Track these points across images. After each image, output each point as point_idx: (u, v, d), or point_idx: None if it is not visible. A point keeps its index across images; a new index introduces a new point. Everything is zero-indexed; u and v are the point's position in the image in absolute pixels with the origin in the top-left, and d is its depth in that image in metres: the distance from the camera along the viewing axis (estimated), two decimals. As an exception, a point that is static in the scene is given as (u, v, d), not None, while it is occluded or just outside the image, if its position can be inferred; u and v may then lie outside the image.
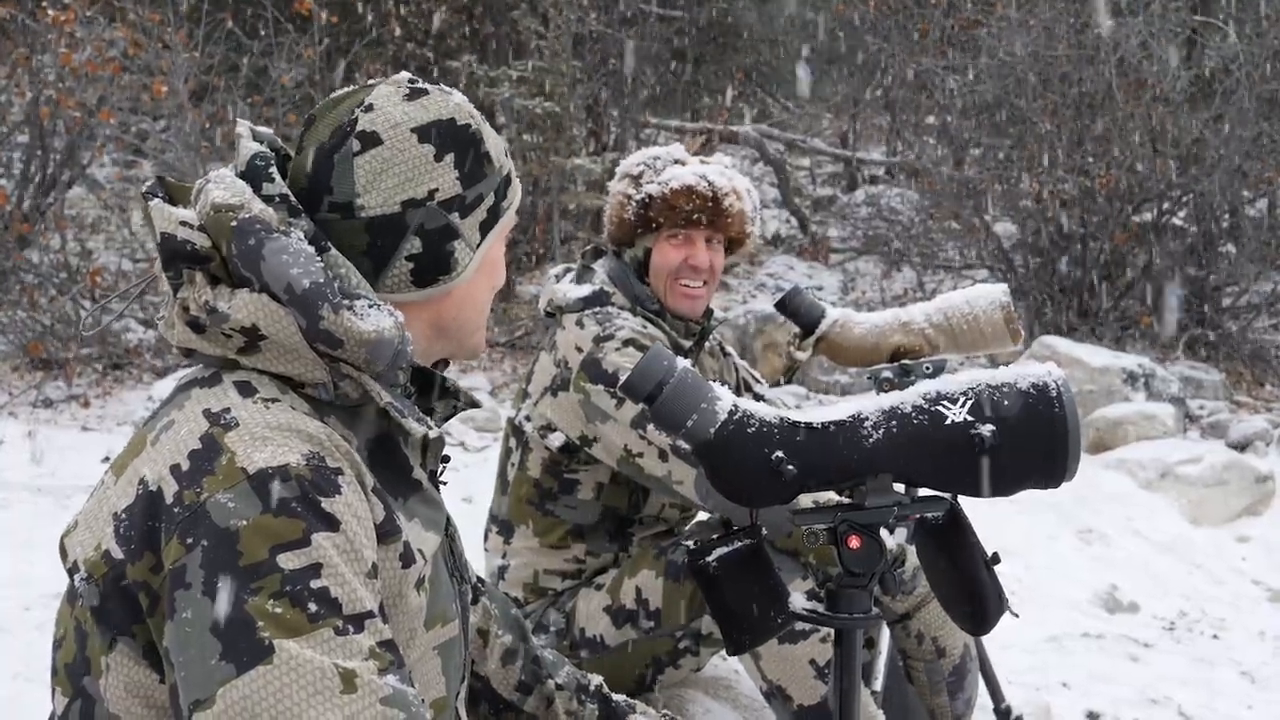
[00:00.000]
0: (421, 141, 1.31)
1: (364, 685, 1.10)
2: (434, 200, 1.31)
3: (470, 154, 1.33)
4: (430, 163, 1.31)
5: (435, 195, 1.31)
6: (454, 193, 1.32)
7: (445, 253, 1.32)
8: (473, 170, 1.33)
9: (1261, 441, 6.95)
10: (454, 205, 1.32)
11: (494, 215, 1.37)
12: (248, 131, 1.36)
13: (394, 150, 1.30)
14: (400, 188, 1.30)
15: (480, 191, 1.34)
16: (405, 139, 1.30)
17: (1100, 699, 3.51)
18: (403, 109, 1.32)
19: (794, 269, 10.41)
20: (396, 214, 1.30)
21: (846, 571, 1.42)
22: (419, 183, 1.30)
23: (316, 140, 1.31)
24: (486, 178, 1.35)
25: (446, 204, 1.32)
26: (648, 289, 2.51)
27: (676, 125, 10.81)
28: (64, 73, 7.02)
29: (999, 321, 2.51)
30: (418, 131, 1.31)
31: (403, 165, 1.30)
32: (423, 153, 1.30)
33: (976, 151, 9.89)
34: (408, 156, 1.30)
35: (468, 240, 1.34)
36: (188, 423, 1.21)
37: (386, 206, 1.29)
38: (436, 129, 1.32)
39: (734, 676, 2.74)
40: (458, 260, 1.34)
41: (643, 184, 2.48)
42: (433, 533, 1.33)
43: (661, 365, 1.37)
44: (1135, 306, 8.96)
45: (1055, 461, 1.35)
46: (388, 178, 1.29)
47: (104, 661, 1.20)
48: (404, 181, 1.30)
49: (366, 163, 1.29)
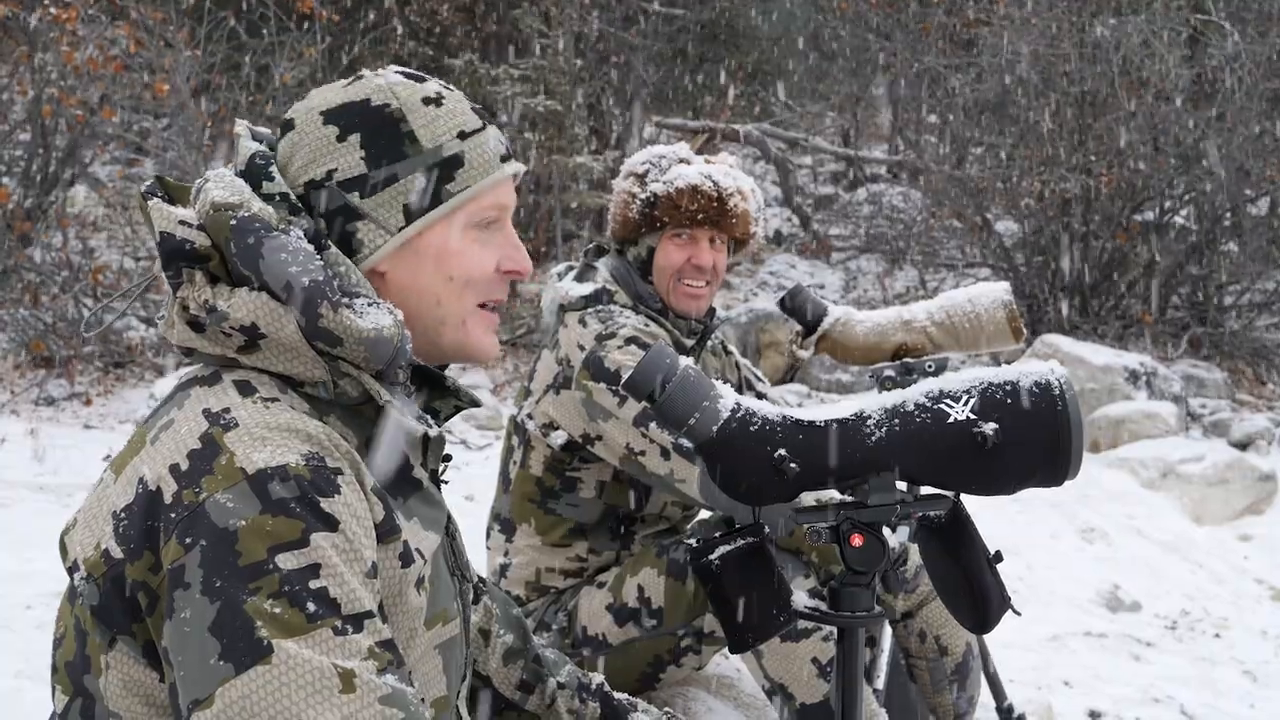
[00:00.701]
0: (326, 123, 1.31)
1: (363, 685, 1.10)
2: (332, 180, 1.30)
3: (382, 134, 1.30)
4: (331, 143, 1.30)
5: (334, 175, 1.30)
6: (355, 172, 1.30)
7: (347, 233, 1.30)
8: (383, 150, 1.30)
9: (1263, 440, 6.95)
10: (354, 185, 1.30)
11: (434, 198, 1.31)
12: (247, 131, 1.36)
13: (301, 133, 1.31)
14: (304, 169, 1.30)
15: (394, 171, 1.30)
16: (313, 121, 1.31)
17: (1102, 698, 3.51)
18: (325, 95, 1.33)
19: (796, 267, 10.41)
20: (301, 195, 1.30)
21: (849, 570, 1.41)
22: (319, 163, 1.30)
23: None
24: (407, 158, 1.30)
25: (346, 184, 1.30)
26: (650, 287, 2.51)
27: (678, 124, 10.80)
28: (66, 71, 7.02)
29: (1001, 320, 2.50)
30: (325, 114, 1.31)
31: (307, 147, 1.31)
32: (325, 134, 1.30)
33: (978, 150, 9.89)
34: (311, 138, 1.31)
35: (378, 221, 1.30)
36: (187, 422, 1.21)
37: (295, 188, 1.30)
38: (345, 110, 1.31)
39: (736, 675, 2.74)
40: (361, 241, 1.30)
41: (648, 183, 2.47)
42: (433, 532, 1.33)
43: (664, 363, 1.37)
44: (1137, 305, 8.96)
45: (1058, 460, 1.35)
46: (295, 160, 1.31)
47: (104, 660, 1.20)
48: (307, 163, 1.30)
49: (283, 147, 1.32)
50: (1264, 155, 8.76)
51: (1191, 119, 8.65)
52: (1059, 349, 7.11)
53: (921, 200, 10.66)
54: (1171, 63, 8.59)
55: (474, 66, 8.93)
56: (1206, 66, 9.18)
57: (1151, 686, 3.62)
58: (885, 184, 11.87)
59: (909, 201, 11.04)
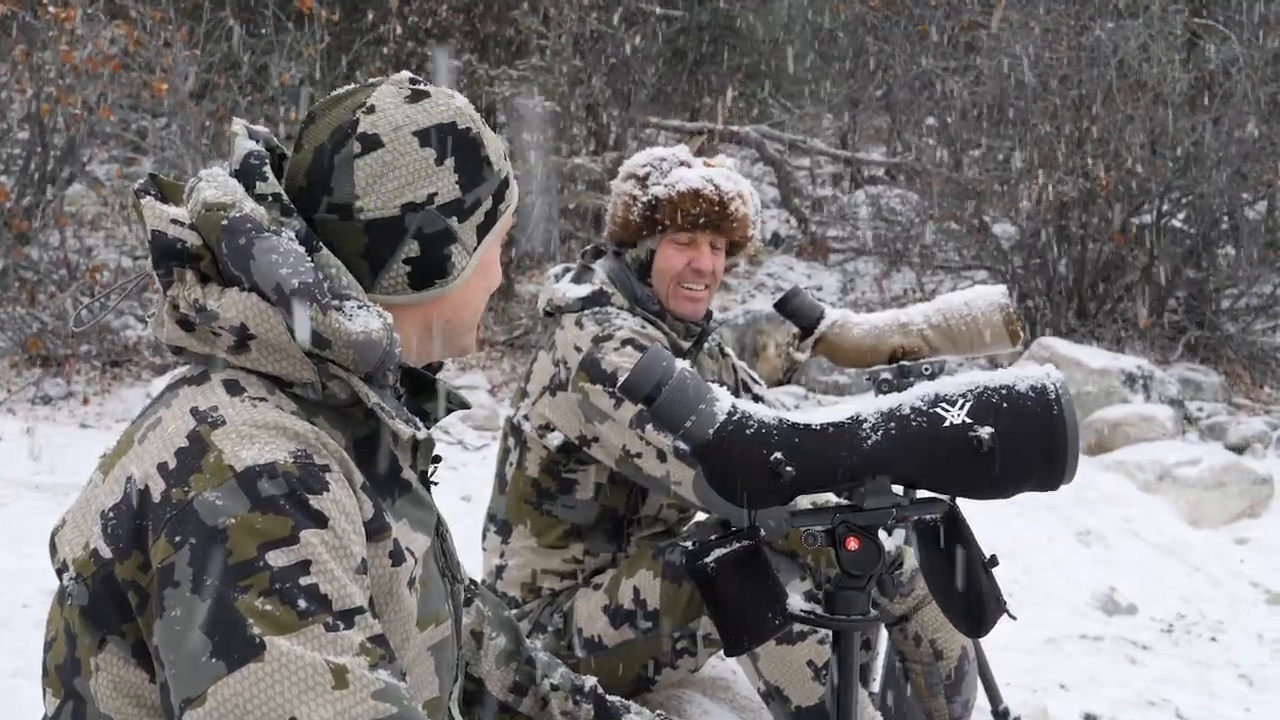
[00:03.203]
0: (423, 145, 1.30)
1: (355, 680, 1.10)
2: (433, 204, 1.30)
3: (471, 158, 1.33)
4: (431, 166, 1.30)
5: (434, 199, 1.30)
6: (453, 197, 1.31)
7: (442, 256, 1.32)
8: (472, 174, 1.33)
9: (1260, 443, 6.96)
10: (453, 209, 1.32)
11: (491, 218, 1.36)
12: (243, 130, 1.35)
13: (395, 153, 1.29)
14: (400, 191, 1.29)
15: (479, 195, 1.33)
16: (407, 142, 1.30)
17: (1098, 701, 3.52)
18: (405, 111, 1.31)
19: (793, 269, 10.40)
20: (395, 217, 1.29)
21: (844, 573, 1.42)
22: (419, 186, 1.30)
23: (316, 140, 1.31)
24: (485, 181, 1.34)
25: (445, 208, 1.31)
26: (648, 290, 2.50)
27: (677, 125, 10.79)
28: (65, 70, 7.01)
29: (998, 323, 2.51)
30: (419, 135, 1.30)
31: (403, 168, 1.29)
32: (424, 156, 1.30)
33: (976, 153, 9.89)
34: (409, 160, 1.30)
35: (465, 244, 1.33)
36: (175, 420, 1.21)
37: (386, 209, 1.29)
38: (438, 132, 1.31)
39: (732, 677, 2.74)
40: (454, 264, 1.33)
41: (649, 185, 2.47)
42: (421, 533, 1.33)
43: (660, 366, 1.37)
44: (1134, 308, 8.96)
45: (1054, 463, 1.35)
46: (388, 181, 1.29)
47: (93, 662, 1.20)
48: (404, 185, 1.29)
49: (367, 165, 1.29)
50: (1261, 158, 8.76)
51: (1190, 122, 8.66)
52: (1056, 352, 7.11)
53: (919, 202, 10.66)
54: (1170, 66, 8.59)
55: (472, 67, 8.93)
56: (1204, 70, 9.19)
57: (1147, 689, 3.62)
58: (883, 186, 11.86)
59: (907, 204, 11.04)
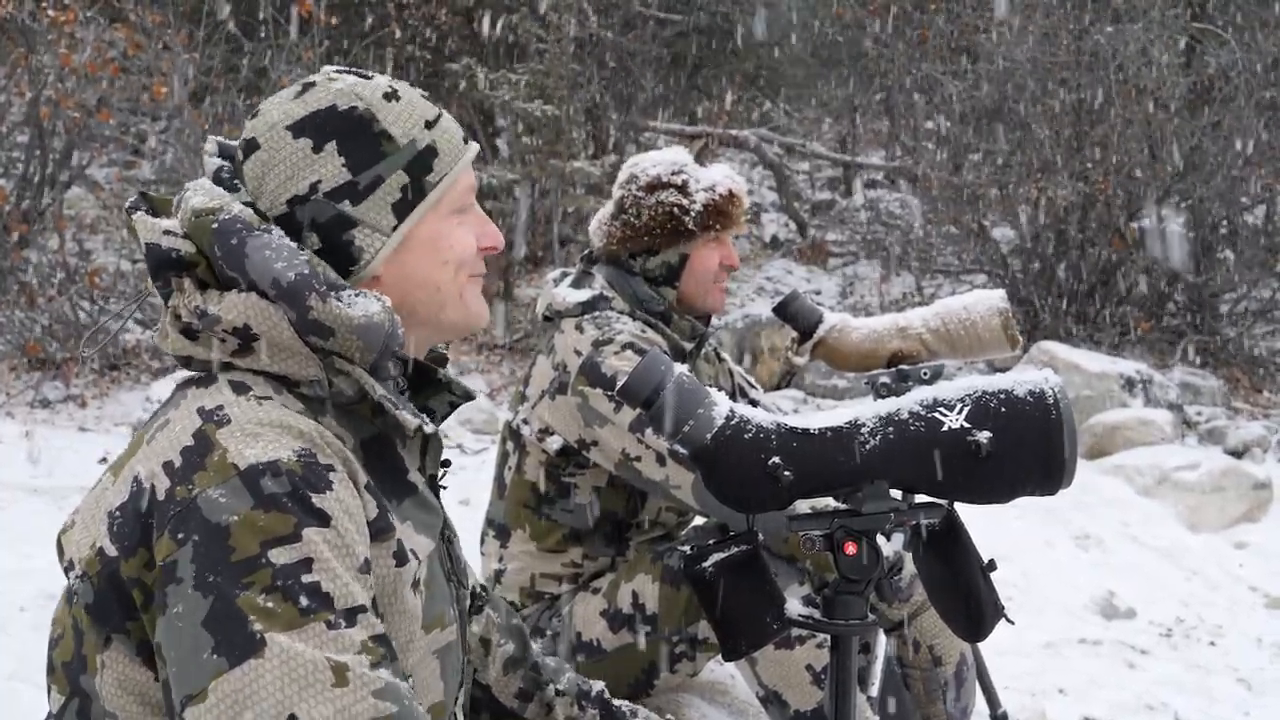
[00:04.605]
0: (296, 136, 1.29)
1: (356, 678, 1.10)
2: (318, 193, 1.29)
3: (358, 138, 1.30)
4: (309, 156, 1.29)
5: (319, 188, 1.29)
6: (341, 180, 1.29)
7: (344, 243, 1.30)
8: (364, 153, 1.30)
9: (1259, 448, 6.97)
10: (344, 193, 1.29)
11: (415, 191, 1.32)
12: (214, 147, 1.36)
13: (270, 150, 1.29)
14: (283, 187, 1.29)
15: (378, 173, 1.30)
16: (280, 137, 1.29)
17: (1097, 705, 3.51)
18: (284, 108, 1.31)
19: (792, 273, 10.41)
20: (286, 214, 1.29)
21: (843, 578, 1.41)
22: (299, 178, 1.29)
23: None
24: (387, 158, 1.31)
25: (334, 194, 1.29)
26: (672, 293, 2.51)
27: (676, 129, 10.80)
28: (64, 73, 7.02)
29: (997, 327, 2.50)
30: (292, 128, 1.29)
31: (280, 164, 1.29)
32: (298, 148, 1.29)
33: (975, 157, 9.90)
34: (284, 154, 1.29)
35: (372, 225, 1.30)
36: (181, 420, 1.21)
37: (276, 208, 1.29)
38: (313, 120, 1.30)
39: (730, 681, 2.74)
40: (361, 248, 1.30)
41: (691, 192, 2.48)
42: (425, 536, 1.33)
43: (659, 370, 1.37)
44: (1133, 312, 8.97)
45: (1052, 468, 1.35)
46: (269, 180, 1.29)
47: (99, 659, 1.20)
48: (285, 180, 1.29)
49: (250, 168, 1.30)
50: (1260, 163, 8.77)
51: (1189, 126, 8.67)
52: (1055, 356, 7.12)
53: (918, 206, 10.67)
54: (1169, 70, 8.60)
55: (472, 71, 8.94)
56: (1204, 74, 9.20)
57: (1146, 694, 3.62)
58: (882, 190, 11.88)
59: (906, 208, 11.05)
